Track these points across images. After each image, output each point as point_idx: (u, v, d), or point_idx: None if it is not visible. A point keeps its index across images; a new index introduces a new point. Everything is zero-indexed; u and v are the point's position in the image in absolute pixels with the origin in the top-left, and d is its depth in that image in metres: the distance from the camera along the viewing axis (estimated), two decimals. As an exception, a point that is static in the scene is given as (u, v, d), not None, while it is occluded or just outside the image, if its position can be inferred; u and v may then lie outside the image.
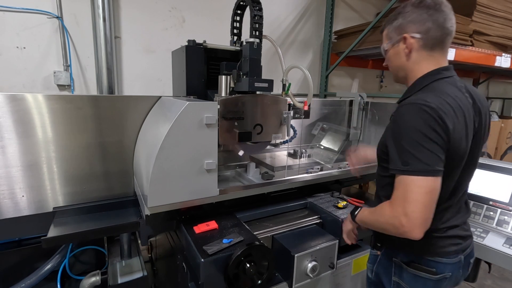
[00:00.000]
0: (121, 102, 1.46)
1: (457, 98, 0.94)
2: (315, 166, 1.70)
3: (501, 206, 1.64)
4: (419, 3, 1.00)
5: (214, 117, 1.22)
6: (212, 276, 1.09)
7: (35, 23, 1.94)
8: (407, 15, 1.01)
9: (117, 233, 1.83)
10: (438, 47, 1.00)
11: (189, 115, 1.17)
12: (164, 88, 2.38)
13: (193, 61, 1.63)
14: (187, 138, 1.18)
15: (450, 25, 0.98)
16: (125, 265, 1.90)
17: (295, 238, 1.39)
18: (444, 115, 0.88)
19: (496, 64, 2.71)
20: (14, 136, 1.26)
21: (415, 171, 0.88)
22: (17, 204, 1.30)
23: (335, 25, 3.12)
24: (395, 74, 1.14)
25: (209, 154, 1.25)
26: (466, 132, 0.95)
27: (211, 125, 1.23)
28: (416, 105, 0.91)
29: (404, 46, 1.03)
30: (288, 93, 1.66)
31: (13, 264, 1.66)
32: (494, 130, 3.45)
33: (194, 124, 1.18)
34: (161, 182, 1.18)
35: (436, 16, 0.97)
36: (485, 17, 2.51)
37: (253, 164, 1.68)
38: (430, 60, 1.01)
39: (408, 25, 1.01)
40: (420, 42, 1.00)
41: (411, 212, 0.87)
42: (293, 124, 1.90)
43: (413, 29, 1.00)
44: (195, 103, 1.18)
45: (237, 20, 1.72)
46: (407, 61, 1.05)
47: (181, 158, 1.19)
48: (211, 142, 1.25)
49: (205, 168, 1.25)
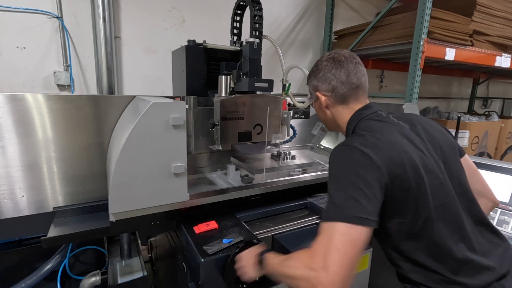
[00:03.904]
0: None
1: (386, 130, 0.95)
2: (296, 169, 1.62)
3: (501, 206, 1.64)
4: (325, 61, 1.09)
5: (182, 118, 1.14)
6: (212, 276, 1.09)
7: (35, 23, 1.94)
8: (317, 73, 1.11)
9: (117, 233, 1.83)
10: (351, 99, 1.07)
11: (154, 116, 1.10)
12: (164, 88, 2.38)
13: (193, 61, 1.62)
14: (152, 140, 1.12)
15: (355, 79, 1.05)
16: (125, 265, 1.91)
17: (295, 238, 1.39)
18: (369, 150, 0.85)
19: (496, 64, 2.71)
20: (14, 136, 1.26)
21: (337, 218, 0.79)
22: (17, 204, 1.29)
23: (335, 25, 3.12)
24: (325, 125, 1.24)
25: (178, 157, 1.18)
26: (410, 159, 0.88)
27: (179, 126, 1.15)
28: (339, 147, 0.94)
29: (320, 102, 1.12)
30: (288, 93, 1.66)
31: (13, 264, 1.66)
32: (494, 130, 3.45)
33: (159, 125, 1.11)
34: (123, 187, 1.11)
35: (338, 74, 1.05)
36: (485, 17, 2.51)
37: (232, 166, 1.63)
38: (347, 110, 1.09)
39: (319, 85, 1.11)
40: (331, 99, 1.09)
41: (331, 265, 0.74)
42: (293, 124, 1.90)
43: (322, 88, 1.10)
44: (160, 102, 1.12)
45: (237, 20, 1.72)
46: (326, 116, 1.15)
47: (146, 161, 1.13)
48: (180, 144, 1.18)
49: (173, 172, 1.17)
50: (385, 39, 2.56)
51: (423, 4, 2.09)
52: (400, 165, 0.86)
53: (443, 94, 4.54)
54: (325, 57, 1.12)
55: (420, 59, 2.18)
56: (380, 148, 0.87)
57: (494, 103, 5.30)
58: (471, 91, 4.71)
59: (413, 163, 0.88)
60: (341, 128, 1.14)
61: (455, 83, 4.68)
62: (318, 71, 1.11)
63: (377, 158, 0.84)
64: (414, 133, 0.98)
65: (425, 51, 2.18)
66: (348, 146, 0.91)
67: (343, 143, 0.95)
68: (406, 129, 0.98)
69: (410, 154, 0.89)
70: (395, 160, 0.86)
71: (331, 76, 1.06)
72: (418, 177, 0.87)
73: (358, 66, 1.08)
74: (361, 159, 0.85)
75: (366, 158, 0.85)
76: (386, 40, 2.55)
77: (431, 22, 2.16)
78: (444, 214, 0.90)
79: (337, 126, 1.15)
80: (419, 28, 2.14)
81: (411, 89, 2.26)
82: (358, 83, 1.07)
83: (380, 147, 0.87)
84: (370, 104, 1.08)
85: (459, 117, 2.98)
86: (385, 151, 0.87)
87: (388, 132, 0.94)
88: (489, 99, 5.10)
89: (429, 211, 0.89)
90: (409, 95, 2.27)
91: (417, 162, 0.89)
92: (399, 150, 0.88)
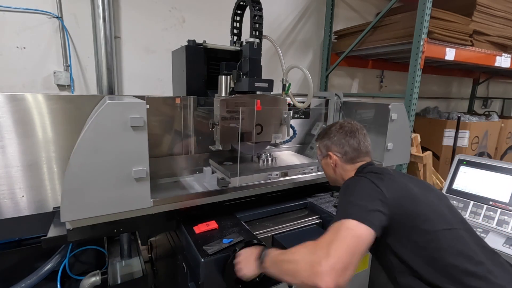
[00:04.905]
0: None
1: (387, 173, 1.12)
2: (273, 172, 1.59)
3: (501, 206, 1.64)
4: (340, 129, 1.29)
5: (142, 119, 1.06)
6: (212, 276, 1.09)
7: (35, 23, 1.94)
8: (331, 137, 1.29)
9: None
10: (356, 160, 1.25)
11: (110, 117, 1.03)
12: (164, 88, 2.38)
13: (193, 61, 1.63)
14: (109, 142, 1.04)
15: (363, 147, 1.26)
16: (125, 265, 1.91)
17: (295, 238, 1.39)
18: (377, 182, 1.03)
19: (496, 64, 2.70)
20: (14, 136, 1.26)
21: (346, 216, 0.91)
22: (17, 204, 1.30)
23: (335, 25, 3.12)
24: (329, 180, 1.39)
25: (138, 160, 1.10)
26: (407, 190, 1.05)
27: (139, 128, 1.07)
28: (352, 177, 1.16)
29: (330, 161, 1.29)
30: (288, 93, 1.66)
31: (13, 264, 1.66)
32: (494, 130, 3.45)
33: (117, 126, 1.04)
34: (77, 193, 1.04)
35: (352, 142, 1.25)
36: (485, 17, 2.51)
37: (208, 169, 1.60)
38: (353, 168, 1.25)
39: (332, 146, 1.29)
40: (342, 159, 1.26)
41: (333, 253, 0.82)
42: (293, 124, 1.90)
43: (335, 149, 1.28)
44: (117, 102, 1.05)
45: (237, 20, 1.72)
46: (334, 172, 1.30)
47: (103, 165, 1.05)
48: (140, 147, 1.09)
49: (133, 177, 1.10)
50: (385, 39, 2.56)
51: (423, 4, 2.09)
52: (402, 195, 1.02)
53: (443, 94, 4.54)
54: (339, 124, 1.31)
55: (420, 59, 2.18)
56: (385, 181, 1.05)
57: (494, 103, 5.30)
58: (471, 91, 4.71)
59: (413, 193, 1.04)
60: None
61: (455, 83, 4.68)
62: (332, 134, 1.29)
63: (382, 187, 1.01)
64: (409, 177, 1.19)
65: (425, 51, 2.18)
66: (361, 177, 1.10)
67: (355, 176, 1.18)
68: (402, 174, 1.22)
69: (410, 186, 1.06)
70: (398, 191, 1.03)
71: (345, 142, 1.25)
72: (418, 204, 1.01)
73: (366, 137, 1.29)
74: (368, 184, 1.04)
75: (373, 184, 1.02)
76: (386, 40, 2.55)
77: (431, 22, 2.16)
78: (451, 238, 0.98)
79: (340, 181, 1.29)
80: (419, 28, 2.14)
81: (411, 89, 2.26)
82: (365, 150, 1.26)
83: (385, 180, 1.05)
84: (371, 162, 1.27)
85: (459, 117, 2.98)
86: (389, 184, 1.04)
87: (390, 173, 1.14)
88: (489, 99, 5.10)
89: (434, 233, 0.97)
90: (409, 95, 2.27)
91: (416, 193, 1.04)
92: (400, 184, 1.06)
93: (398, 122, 1.78)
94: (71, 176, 1.02)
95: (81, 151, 1.02)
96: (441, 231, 0.97)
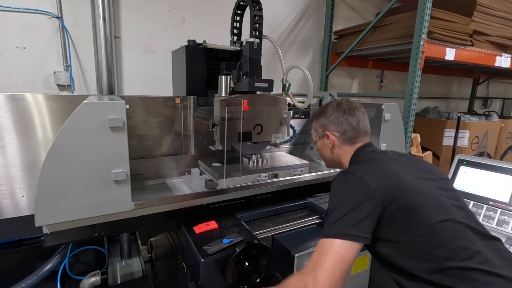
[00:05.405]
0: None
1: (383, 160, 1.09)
2: (262, 174, 1.57)
3: (501, 206, 1.64)
4: (337, 107, 1.21)
5: (121, 119, 1.02)
6: (212, 276, 1.09)
7: (35, 23, 1.94)
8: (328, 115, 1.22)
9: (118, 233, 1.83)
10: (355, 141, 1.19)
11: (86, 117, 0.99)
12: (164, 88, 2.38)
13: (193, 61, 1.63)
14: (86, 144, 1.01)
15: (362, 126, 1.20)
16: (125, 265, 1.91)
17: (295, 238, 1.39)
18: (365, 175, 0.98)
19: (496, 64, 2.70)
20: (14, 136, 1.26)
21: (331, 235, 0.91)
22: (17, 204, 1.29)
23: (335, 25, 3.12)
24: (325, 162, 1.33)
25: (118, 162, 1.06)
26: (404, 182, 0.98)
27: (118, 129, 1.03)
28: (340, 174, 1.07)
29: (328, 141, 1.22)
30: (288, 93, 1.66)
31: (13, 264, 1.66)
32: (494, 130, 3.45)
33: (94, 127, 1.00)
34: (52, 196, 1.00)
35: (351, 120, 1.18)
36: (485, 17, 2.51)
37: (196, 171, 1.58)
38: (351, 149, 1.20)
39: (329, 125, 1.21)
40: (340, 139, 1.20)
41: (319, 277, 0.86)
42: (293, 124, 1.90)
43: (333, 129, 1.21)
44: (94, 102, 1.01)
45: (237, 20, 1.72)
46: (332, 154, 1.24)
47: (79, 168, 1.01)
48: (120, 148, 1.05)
49: (112, 179, 1.06)
50: (385, 39, 2.56)
51: (423, 4, 2.09)
52: (394, 186, 0.97)
53: (443, 94, 4.54)
54: (336, 102, 1.24)
55: (420, 59, 2.18)
56: (376, 172, 1.00)
57: (494, 103, 5.30)
58: (471, 91, 4.71)
59: (406, 184, 0.98)
60: (342, 165, 1.24)
61: (455, 83, 4.68)
62: (329, 113, 1.22)
63: (371, 181, 0.96)
64: (408, 163, 1.11)
65: (425, 51, 2.18)
66: (346, 173, 1.05)
67: (344, 171, 1.09)
68: (401, 160, 1.12)
69: (403, 176, 1.00)
70: (389, 182, 0.98)
71: (343, 120, 1.18)
72: (413, 199, 0.96)
73: (365, 116, 1.23)
74: (355, 182, 0.99)
75: (360, 181, 0.97)
76: (386, 40, 2.55)
77: (431, 22, 2.16)
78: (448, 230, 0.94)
79: (338, 163, 1.25)
80: (419, 28, 2.14)
81: (411, 89, 2.26)
82: (364, 130, 1.20)
83: (376, 172, 1.01)
84: (369, 143, 1.21)
85: (459, 117, 2.98)
86: (380, 175, 0.99)
87: (385, 160, 1.09)
88: (489, 99, 5.10)
89: (429, 227, 0.93)
90: (409, 95, 2.27)
91: (410, 184, 0.99)
92: (393, 174, 1.01)
93: (392, 122, 1.76)
94: (45, 179, 0.98)
95: (56, 153, 0.98)
96: (437, 223, 0.93)
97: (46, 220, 1.03)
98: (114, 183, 1.07)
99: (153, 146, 1.62)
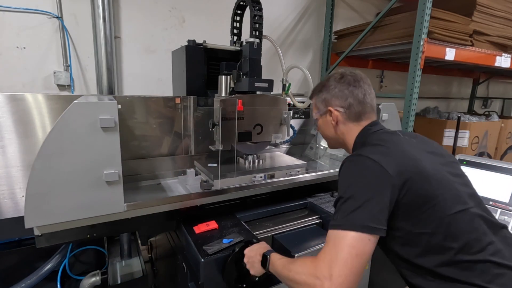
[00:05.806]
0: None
1: (396, 141, 0.97)
2: (258, 175, 1.55)
3: (501, 206, 1.64)
4: (340, 79, 1.08)
5: (112, 119, 1.01)
6: (212, 276, 1.09)
7: (35, 23, 1.94)
8: (331, 89, 1.08)
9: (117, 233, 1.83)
10: (363, 117, 1.08)
11: (77, 117, 0.97)
12: (164, 88, 2.38)
13: (193, 61, 1.63)
14: (77, 144, 0.99)
15: (369, 99, 1.08)
16: (125, 265, 1.91)
17: (295, 238, 1.39)
18: (380, 159, 0.87)
19: (496, 64, 2.70)
20: (14, 136, 1.26)
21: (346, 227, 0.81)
22: (17, 204, 1.30)
23: (335, 25, 3.12)
24: (328, 142, 1.21)
25: (109, 163, 1.04)
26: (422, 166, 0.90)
27: (110, 129, 1.01)
28: (351, 157, 0.95)
29: (330, 118, 1.10)
30: (288, 93, 1.67)
31: (13, 264, 1.66)
32: (494, 130, 3.45)
33: (85, 127, 0.99)
34: (41, 198, 0.98)
35: (356, 92, 1.05)
36: (485, 17, 2.51)
37: (191, 171, 1.57)
38: (357, 127, 1.08)
39: (332, 99, 1.08)
40: (344, 115, 1.07)
41: (336, 276, 0.77)
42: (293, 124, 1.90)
43: (336, 103, 1.07)
44: (85, 102, 0.99)
45: (237, 20, 1.72)
46: (335, 132, 1.12)
47: (70, 169, 1.00)
48: (111, 149, 1.04)
49: (104, 180, 1.04)
50: (385, 39, 2.56)
51: (423, 4, 2.09)
52: (412, 172, 0.87)
53: (443, 94, 4.54)
54: (339, 74, 1.10)
55: (420, 59, 2.18)
56: (392, 156, 0.89)
57: (494, 103, 5.30)
58: (471, 91, 4.71)
59: (425, 170, 0.89)
60: (347, 145, 1.12)
61: (455, 83, 4.68)
62: (332, 86, 1.08)
63: (389, 166, 0.86)
64: (421, 145, 1.01)
65: (425, 51, 2.18)
66: (360, 156, 0.92)
67: (355, 153, 0.97)
68: (413, 142, 1.00)
69: (421, 162, 0.90)
70: (407, 167, 0.87)
71: (348, 93, 1.06)
72: (431, 186, 0.88)
73: (371, 89, 1.10)
74: (372, 167, 0.87)
75: (378, 166, 0.86)
76: (386, 40, 2.55)
77: (431, 22, 2.16)
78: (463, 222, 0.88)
79: (342, 143, 1.14)
80: (419, 28, 2.14)
81: (411, 89, 2.26)
82: (371, 104, 1.09)
83: (392, 156, 0.89)
84: (376, 121, 1.10)
85: (459, 117, 2.98)
86: (397, 159, 0.88)
87: (398, 142, 0.96)
88: (489, 99, 5.10)
89: (446, 218, 0.87)
90: (409, 95, 2.27)
91: (428, 170, 0.89)
92: (410, 159, 0.90)
93: (389, 122, 1.76)
94: (35, 180, 0.97)
95: (45, 154, 0.96)
96: (453, 214, 0.86)
97: (36, 221, 1.01)
98: (106, 184, 1.06)
99: (152, 147, 1.62)
